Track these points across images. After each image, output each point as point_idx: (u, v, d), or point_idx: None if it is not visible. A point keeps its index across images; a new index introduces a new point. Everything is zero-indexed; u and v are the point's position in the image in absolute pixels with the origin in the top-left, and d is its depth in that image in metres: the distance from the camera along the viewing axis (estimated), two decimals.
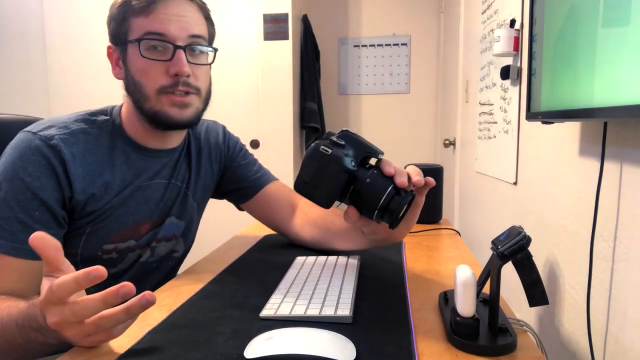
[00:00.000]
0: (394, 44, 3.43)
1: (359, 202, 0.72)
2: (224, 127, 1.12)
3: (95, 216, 0.85)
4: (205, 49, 0.88)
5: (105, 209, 0.86)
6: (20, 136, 0.83)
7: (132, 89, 0.86)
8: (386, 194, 0.69)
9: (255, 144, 2.91)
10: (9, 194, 0.78)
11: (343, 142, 0.72)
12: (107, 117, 0.91)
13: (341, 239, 0.96)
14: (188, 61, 0.84)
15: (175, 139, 0.96)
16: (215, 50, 0.91)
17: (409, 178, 0.72)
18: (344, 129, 0.75)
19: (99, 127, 0.89)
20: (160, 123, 0.87)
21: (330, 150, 0.71)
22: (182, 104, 0.85)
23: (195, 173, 1.01)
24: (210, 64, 0.91)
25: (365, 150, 0.73)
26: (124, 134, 0.91)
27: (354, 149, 0.72)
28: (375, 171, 0.72)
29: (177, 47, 0.83)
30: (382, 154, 0.74)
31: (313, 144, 0.72)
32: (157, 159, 0.94)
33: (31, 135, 0.82)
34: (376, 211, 0.71)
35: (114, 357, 0.56)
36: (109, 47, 0.90)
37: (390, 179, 0.71)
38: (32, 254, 0.76)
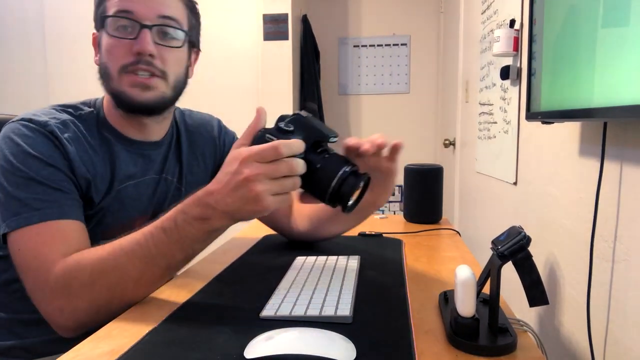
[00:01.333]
0: (393, 44, 3.43)
1: (312, 187, 0.71)
2: (219, 121, 1.10)
3: (92, 214, 0.85)
4: (175, 31, 0.85)
5: (99, 208, 0.86)
6: (11, 126, 0.80)
7: (102, 71, 0.85)
8: (336, 178, 0.68)
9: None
10: (31, 173, 0.76)
11: (292, 128, 0.70)
12: (92, 109, 0.89)
13: (332, 223, 0.98)
14: (156, 42, 0.82)
15: (156, 131, 0.94)
16: (187, 33, 0.87)
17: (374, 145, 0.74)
18: (297, 112, 0.73)
19: (84, 120, 0.87)
20: (123, 104, 0.85)
21: (275, 139, 0.68)
22: (143, 85, 0.83)
23: (187, 167, 1.00)
24: (180, 47, 0.86)
25: (315, 135, 0.70)
26: (109, 125, 0.89)
27: (303, 133, 0.70)
28: (326, 156, 0.70)
29: (143, 26, 0.81)
30: (336, 136, 0.72)
31: (259, 132, 0.70)
32: (145, 153, 0.92)
33: (25, 122, 0.80)
34: (327, 195, 0.69)
35: (114, 357, 0.56)
36: (93, 34, 0.88)
37: (342, 163, 0.70)
38: (79, 217, 0.78)
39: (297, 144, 0.66)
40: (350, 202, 0.71)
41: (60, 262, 0.71)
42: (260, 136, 0.69)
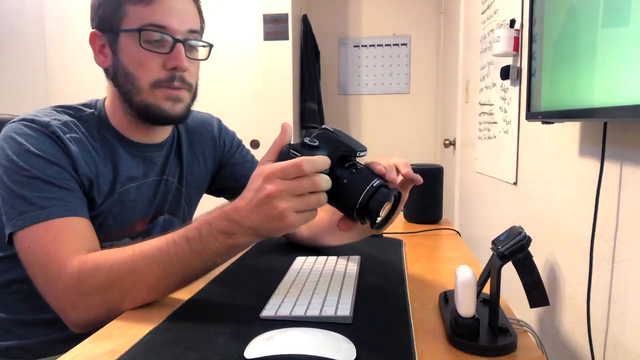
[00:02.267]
0: (393, 44, 3.43)
1: (339, 203, 0.69)
2: (219, 121, 1.09)
3: (93, 216, 0.84)
4: (201, 44, 0.87)
5: (100, 211, 0.85)
6: (12, 126, 0.79)
7: (123, 80, 0.84)
8: (364, 193, 0.66)
9: (255, 144, 2.91)
10: (35, 171, 0.75)
11: (317, 143, 0.67)
12: (93, 110, 0.88)
13: (330, 235, 0.96)
14: (187, 56, 0.83)
15: (162, 134, 0.94)
16: (211, 46, 0.90)
17: (397, 170, 0.71)
18: (324, 126, 0.71)
19: (85, 121, 0.86)
20: (150, 116, 0.85)
21: (299, 154, 0.66)
22: (176, 97, 0.84)
23: (187, 168, 1.00)
24: (205, 59, 0.90)
25: (341, 149, 0.68)
26: (111, 127, 0.89)
27: (330, 148, 0.68)
28: (354, 170, 0.68)
29: (177, 41, 0.82)
30: (364, 150, 0.70)
31: (284, 148, 0.68)
32: (148, 155, 0.92)
33: (27, 122, 0.79)
34: (355, 212, 0.67)
35: (114, 357, 0.56)
36: (92, 33, 0.86)
37: (371, 177, 0.67)
38: (85, 214, 0.78)
39: (320, 160, 0.64)
40: (379, 219, 0.68)
41: (73, 258, 0.71)
42: (284, 152, 0.68)
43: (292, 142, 0.69)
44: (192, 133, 1.02)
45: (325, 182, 0.65)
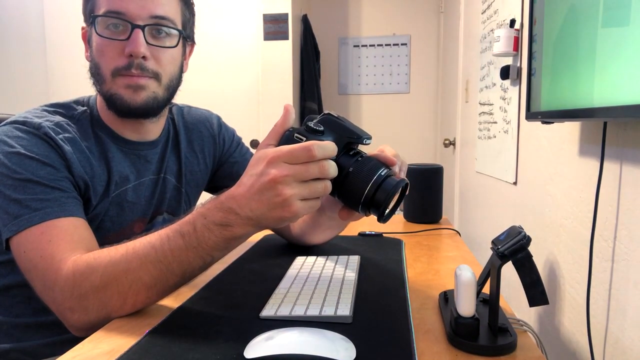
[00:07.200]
0: (394, 44, 3.43)
1: (343, 193, 0.66)
2: (218, 118, 1.07)
3: (90, 218, 0.82)
4: (169, 30, 0.82)
5: (97, 213, 0.84)
6: (3, 129, 0.78)
7: (93, 71, 0.83)
8: (371, 183, 0.63)
9: (255, 144, 2.91)
10: (27, 174, 0.74)
11: (322, 128, 0.64)
12: (85, 108, 0.87)
13: (315, 230, 0.95)
14: (148, 42, 0.80)
15: (152, 130, 0.91)
16: (181, 32, 0.85)
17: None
18: (327, 112, 0.68)
19: (78, 120, 0.85)
20: (115, 106, 0.82)
21: (304, 139, 0.63)
22: (136, 85, 0.80)
23: (186, 166, 0.98)
24: (174, 47, 0.84)
25: (347, 136, 0.65)
26: (103, 124, 0.87)
27: (334, 134, 0.64)
28: (359, 159, 0.65)
29: (135, 26, 0.78)
30: (370, 138, 0.67)
31: (287, 132, 0.65)
32: (142, 153, 0.90)
33: (18, 124, 0.78)
34: (361, 203, 0.64)
35: (114, 357, 0.56)
36: (82, 29, 0.86)
37: (377, 166, 0.65)
38: (81, 214, 0.76)
39: (331, 146, 0.61)
40: (386, 211, 0.65)
41: (69, 261, 0.69)
42: (288, 136, 0.64)
43: (294, 126, 0.66)
44: (191, 130, 1.00)
45: (333, 168, 0.61)
